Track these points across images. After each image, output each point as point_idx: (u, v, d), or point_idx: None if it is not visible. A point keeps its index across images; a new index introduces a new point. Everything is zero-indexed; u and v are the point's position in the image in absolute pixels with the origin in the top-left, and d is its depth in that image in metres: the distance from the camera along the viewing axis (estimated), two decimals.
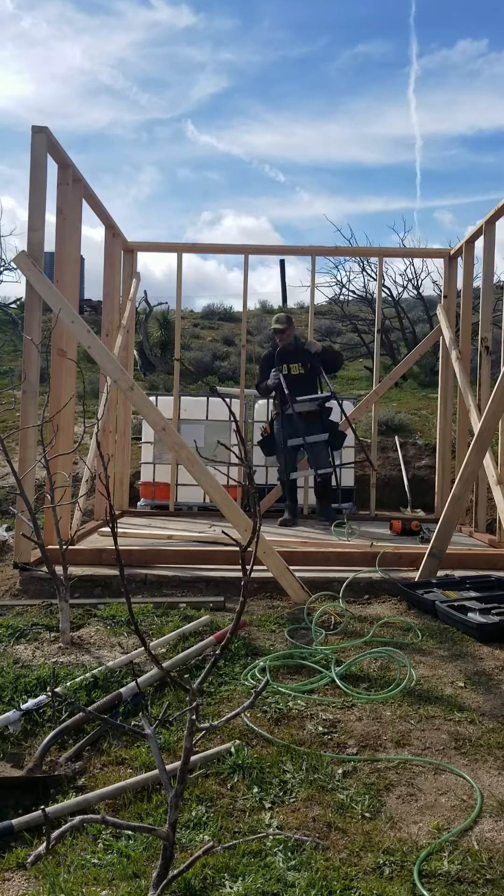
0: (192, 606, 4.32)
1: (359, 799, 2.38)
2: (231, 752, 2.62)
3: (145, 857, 2.09)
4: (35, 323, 4.97)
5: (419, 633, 3.95)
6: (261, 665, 3.40)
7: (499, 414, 5.03)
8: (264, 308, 21.49)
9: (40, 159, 4.98)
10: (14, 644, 3.73)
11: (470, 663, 3.56)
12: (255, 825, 2.24)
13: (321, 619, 4.11)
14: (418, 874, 1.99)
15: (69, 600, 3.78)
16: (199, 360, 15.08)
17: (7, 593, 4.75)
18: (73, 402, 5.56)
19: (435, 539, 4.87)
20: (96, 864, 2.09)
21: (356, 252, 14.06)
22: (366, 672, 3.41)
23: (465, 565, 5.19)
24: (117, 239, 7.18)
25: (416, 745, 2.74)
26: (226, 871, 2.01)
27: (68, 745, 2.73)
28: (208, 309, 20.42)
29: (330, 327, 17.50)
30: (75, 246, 5.66)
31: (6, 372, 13.88)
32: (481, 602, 4.25)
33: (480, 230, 6.60)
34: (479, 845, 2.14)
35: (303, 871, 2.01)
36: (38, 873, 2.07)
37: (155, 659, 1.94)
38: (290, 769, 2.55)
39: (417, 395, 12.73)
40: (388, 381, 8.33)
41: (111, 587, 4.69)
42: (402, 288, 16.38)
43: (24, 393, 4.93)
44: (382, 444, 9.47)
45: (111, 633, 3.91)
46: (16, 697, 3.04)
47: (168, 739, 2.74)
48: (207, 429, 8.19)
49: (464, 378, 6.64)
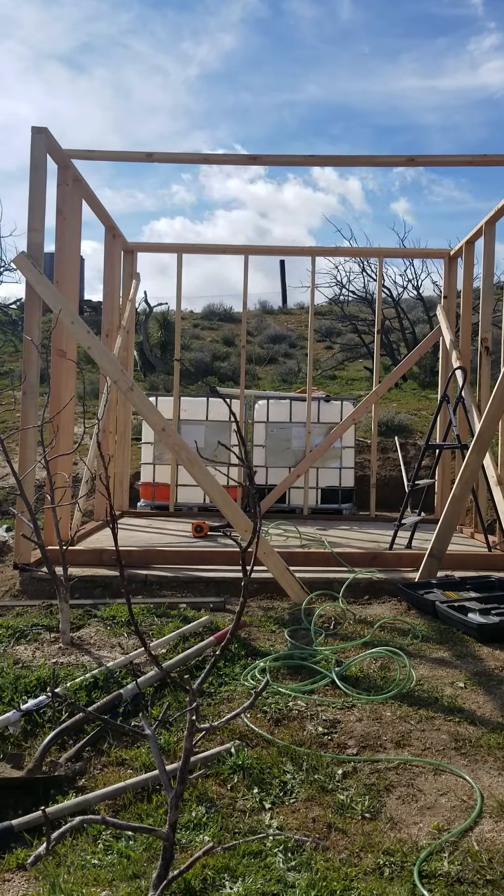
0: (192, 607, 4.32)
1: (359, 799, 2.38)
2: (231, 752, 2.61)
3: (145, 858, 2.09)
4: (35, 323, 4.97)
5: (419, 633, 3.95)
6: (261, 665, 3.40)
7: (498, 415, 5.03)
8: (264, 308, 21.49)
9: (40, 160, 4.98)
10: (14, 644, 3.73)
11: (470, 663, 3.56)
12: (256, 826, 2.24)
13: (321, 619, 4.11)
14: (418, 875, 1.99)
15: (69, 601, 3.78)
16: (199, 360, 15.08)
17: (7, 594, 4.75)
18: (73, 403, 5.56)
19: (435, 539, 4.87)
20: (96, 864, 2.08)
21: (356, 252, 14.05)
22: (366, 672, 3.41)
23: (466, 566, 5.19)
24: (117, 240, 7.18)
25: (417, 746, 2.74)
26: (226, 871, 2.01)
27: (68, 746, 2.73)
28: (208, 309, 20.40)
29: (330, 328, 17.50)
30: (75, 246, 5.67)
31: (6, 372, 13.88)
32: (481, 602, 4.25)
33: (480, 230, 6.60)
34: (479, 846, 2.14)
35: (303, 871, 2.01)
36: (39, 874, 2.07)
37: (155, 659, 1.94)
38: (290, 770, 2.55)
39: (417, 395, 12.73)
40: (388, 382, 8.33)
41: (111, 588, 4.68)
42: (402, 288, 16.39)
43: (24, 393, 4.93)
44: (382, 444, 9.47)
45: (111, 633, 3.91)
46: (16, 698, 3.04)
47: (168, 740, 2.73)
48: (207, 429, 8.19)
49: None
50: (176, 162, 6.29)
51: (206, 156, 6.10)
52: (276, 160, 5.98)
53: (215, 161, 6.09)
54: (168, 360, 14.19)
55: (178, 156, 6.26)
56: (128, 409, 7.65)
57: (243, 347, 8.17)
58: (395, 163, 5.98)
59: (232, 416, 2.00)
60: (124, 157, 5.94)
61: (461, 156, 5.85)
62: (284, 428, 8.35)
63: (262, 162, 5.95)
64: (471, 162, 5.81)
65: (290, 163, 6.03)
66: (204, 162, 6.09)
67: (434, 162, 5.97)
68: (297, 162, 5.99)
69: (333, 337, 17.08)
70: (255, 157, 5.93)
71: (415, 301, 16.94)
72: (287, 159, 5.99)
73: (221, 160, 6.20)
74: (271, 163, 5.99)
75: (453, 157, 5.92)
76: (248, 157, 6.03)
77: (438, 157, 5.94)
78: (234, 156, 6.15)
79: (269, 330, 17.87)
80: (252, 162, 6.01)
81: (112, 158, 5.91)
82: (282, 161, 6.00)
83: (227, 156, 6.09)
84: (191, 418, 8.19)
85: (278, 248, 9.55)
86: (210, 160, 6.09)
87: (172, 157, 6.22)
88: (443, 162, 5.97)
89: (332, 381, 14.16)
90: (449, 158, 5.94)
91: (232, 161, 6.25)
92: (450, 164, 6.01)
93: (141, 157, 5.82)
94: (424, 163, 5.90)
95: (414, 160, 5.83)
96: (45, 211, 5.03)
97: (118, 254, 7.26)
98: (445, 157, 5.95)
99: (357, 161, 6.03)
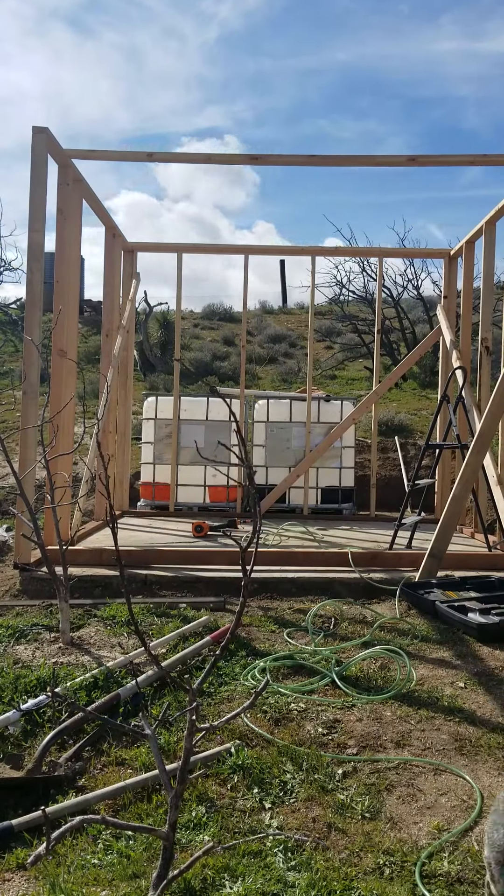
0: (191, 607, 4.32)
1: (359, 799, 2.38)
2: (231, 752, 2.61)
3: (145, 858, 2.09)
4: (35, 323, 4.97)
5: (419, 633, 3.95)
6: (261, 665, 3.40)
7: (498, 415, 5.03)
8: (264, 308, 21.48)
9: (41, 159, 4.98)
10: (14, 644, 3.73)
11: (470, 663, 3.56)
12: (255, 825, 2.24)
13: (321, 619, 4.11)
14: (419, 874, 1.99)
15: (69, 601, 3.78)
16: (199, 360, 15.07)
17: (7, 594, 4.75)
18: (73, 403, 5.56)
19: (435, 539, 4.87)
20: (96, 864, 2.09)
21: (356, 252, 14.05)
22: (366, 672, 3.41)
23: (466, 566, 5.19)
24: (117, 239, 7.18)
25: (417, 746, 2.74)
26: (226, 871, 2.01)
27: (68, 746, 2.73)
28: (208, 309, 20.39)
29: (330, 328, 17.49)
30: (75, 246, 5.67)
31: (6, 372, 13.88)
32: (481, 602, 4.25)
33: (481, 230, 6.61)
34: (479, 846, 2.14)
35: (303, 871, 2.01)
36: (39, 874, 2.07)
37: (155, 659, 1.94)
38: (290, 769, 2.55)
39: (417, 395, 12.73)
40: (388, 382, 8.32)
41: (111, 587, 4.68)
42: (402, 288, 16.38)
43: (24, 393, 4.93)
44: (383, 444, 9.47)
45: (111, 633, 3.91)
46: (16, 698, 3.04)
47: (168, 740, 2.73)
48: (207, 429, 8.18)
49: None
50: (177, 162, 6.30)
51: (209, 156, 6.10)
52: (277, 160, 5.99)
53: (217, 161, 6.09)
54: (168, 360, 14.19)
55: (179, 156, 6.27)
56: (128, 409, 7.65)
57: (243, 347, 8.17)
58: (396, 163, 5.99)
59: (232, 416, 2.00)
60: (125, 157, 5.94)
61: (462, 156, 5.86)
62: (284, 428, 8.35)
63: (263, 162, 5.95)
64: (472, 162, 5.82)
65: (291, 163, 6.03)
66: (206, 162, 6.09)
67: (435, 162, 5.97)
68: (297, 162, 5.99)
69: (333, 337, 17.08)
70: (256, 157, 5.94)
71: (415, 301, 16.93)
72: (287, 159, 6.00)
73: (223, 160, 6.20)
74: (272, 163, 6.00)
75: (455, 157, 5.93)
76: (249, 157, 6.04)
77: (440, 157, 5.95)
78: (235, 156, 6.15)
79: (269, 329, 17.87)
80: (253, 162, 6.02)
81: (113, 158, 5.92)
82: (282, 161, 6.00)
83: (228, 156, 6.10)
84: (191, 418, 8.18)
85: (278, 247, 9.54)
86: (212, 160, 6.09)
87: (173, 157, 6.23)
88: (444, 162, 5.97)
89: (332, 381, 14.16)
90: (450, 158, 5.94)
91: (233, 161, 6.25)
92: (451, 164, 6.03)
93: (142, 157, 5.83)
94: (425, 163, 5.90)
95: (415, 160, 5.84)
96: (46, 211, 5.03)
97: (118, 253, 7.26)
98: (446, 156, 5.95)
99: (357, 161, 6.04)
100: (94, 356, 12.92)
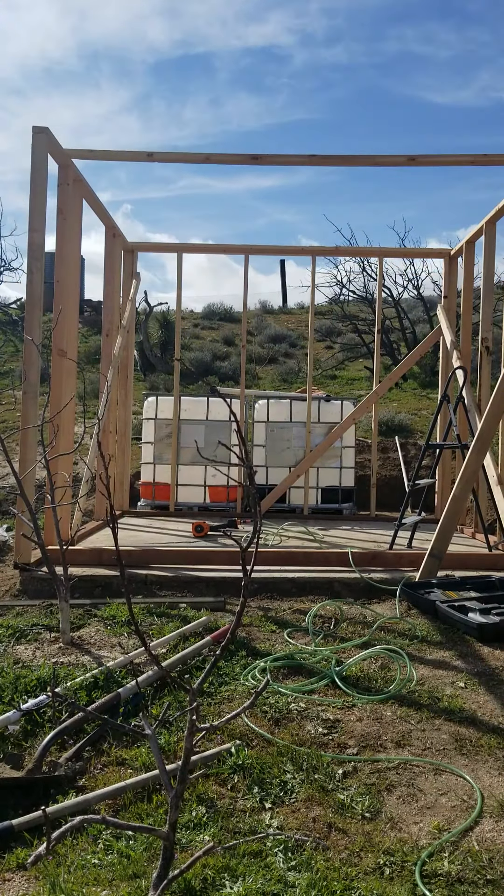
0: (192, 607, 4.32)
1: (359, 799, 2.38)
2: (231, 752, 2.61)
3: (145, 858, 2.09)
4: (35, 323, 4.97)
5: (419, 633, 3.95)
6: (261, 665, 3.40)
7: (499, 415, 5.03)
8: (264, 308, 21.48)
9: (41, 160, 4.98)
10: (14, 644, 3.73)
11: (470, 663, 3.56)
12: (256, 825, 2.24)
13: (320, 619, 4.11)
14: (420, 874, 1.99)
15: (69, 600, 3.78)
16: (199, 360, 15.07)
17: (7, 593, 4.75)
18: (73, 403, 5.56)
19: (435, 539, 4.87)
20: (96, 864, 2.08)
21: (356, 252, 14.04)
22: (366, 672, 3.41)
23: (466, 566, 5.18)
24: (117, 239, 7.18)
25: (417, 746, 2.74)
26: (226, 871, 2.01)
27: (68, 746, 2.73)
28: (208, 309, 20.38)
29: (330, 327, 17.49)
30: (75, 246, 5.67)
31: (6, 372, 13.88)
32: (481, 602, 4.25)
33: (481, 230, 6.61)
34: (479, 845, 2.14)
35: (303, 871, 2.01)
36: (39, 874, 2.07)
37: (155, 659, 1.94)
38: (290, 769, 2.55)
39: (418, 395, 12.73)
40: (389, 382, 8.33)
41: (111, 587, 4.68)
42: (403, 288, 16.38)
43: (24, 393, 4.93)
44: (383, 444, 9.47)
45: (111, 633, 3.91)
46: (16, 697, 3.04)
47: (168, 740, 2.73)
48: (207, 429, 8.18)
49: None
50: (177, 161, 6.29)
51: (208, 155, 6.09)
52: (277, 160, 5.99)
53: (217, 160, 6.08)
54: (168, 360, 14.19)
55: (179, 155, 6.26)
56: (128, 409, 7.65)
57: (243, 347, 8.17)
58: (396, 162, 5.98)
59: (232, 416, 2.00)
60: (125, 156, 5.94)
61: (462, 155, 5.86)
62: (284, 428, 8.35)
63: (263, 162, 5.95)
64: (472, 162, 5.82)
65: (291, 163, 6.04)
66: (205, 161, 6.09)
67: (435, 162, 5.97)
68: (297, 162, 5.99)
69: (333, 337, 17.08)
70: (256, 156, 5.93)
71: (415, 301, 16.94)
72: (288, 159, 6.00)
73: (223, 160, 6.19)
74: (272, 163, 6.00)
75: (455, 157, 5.93)
76: (249, 157, 6.02)
77: (439, 157, 5.94)
78: (235, 156, 6.14)
79: (269, 329, 17.87)
80: (253, 162, 6.01)
81: (113, 158, 5.91)
82: (283, 161, 6.01)
83: (228, 156, 6.08)
84: (191, 418, 8.18)
85: (278, 247, 9.54)
86: (211, 160, 6.08)
87: (173, 156, 6.22)
88: (444, 162, 5.97)
89: (333, 381, 14.16)
90: (450, 158, 5.94)
91: (233, 161, 6.24)
92: (451, 163, 6.03)
93: (142, 157, 5.83)
94: (425, 162, 5.90)
95: (415, 160, 5.83)
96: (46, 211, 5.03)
97: (118, 253, 7.26)
98: (446, 157, 5.95)
99: (357, 161, 6.03)
100: (94, 356, 12.92)
